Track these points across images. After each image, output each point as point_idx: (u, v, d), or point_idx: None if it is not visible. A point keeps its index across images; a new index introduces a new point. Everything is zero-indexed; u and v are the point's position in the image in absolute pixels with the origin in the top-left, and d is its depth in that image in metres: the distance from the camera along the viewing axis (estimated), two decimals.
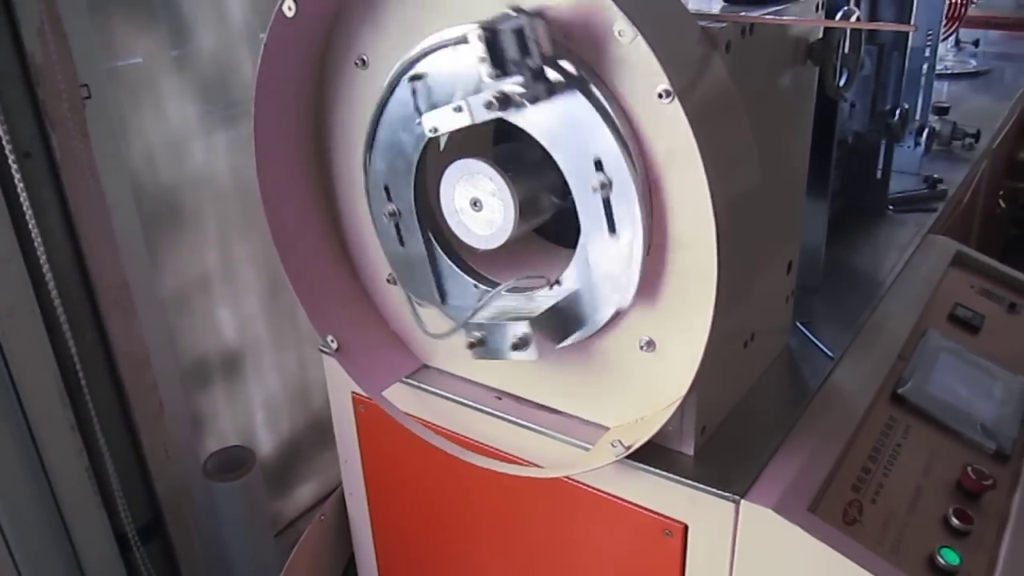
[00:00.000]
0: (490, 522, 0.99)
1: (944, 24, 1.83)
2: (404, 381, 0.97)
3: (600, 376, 0.83)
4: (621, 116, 0.66)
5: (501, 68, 0.65)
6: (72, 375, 1.24)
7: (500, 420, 0.90)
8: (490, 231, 0.78)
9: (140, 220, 1.32)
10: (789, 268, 0.95)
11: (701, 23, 0.68)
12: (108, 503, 1.33)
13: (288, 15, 0.77)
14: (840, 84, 0.90)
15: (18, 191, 1.11)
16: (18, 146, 1.12)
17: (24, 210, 1.12)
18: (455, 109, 0.70)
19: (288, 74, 0.84)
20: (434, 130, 0.72)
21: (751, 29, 0.73)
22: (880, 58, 1.28)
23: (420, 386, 0.96)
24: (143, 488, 1.39)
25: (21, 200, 1.11)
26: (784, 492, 0.77)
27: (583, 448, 0.84)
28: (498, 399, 0.92)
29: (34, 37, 1.11)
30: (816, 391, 0.93)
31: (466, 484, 0.97)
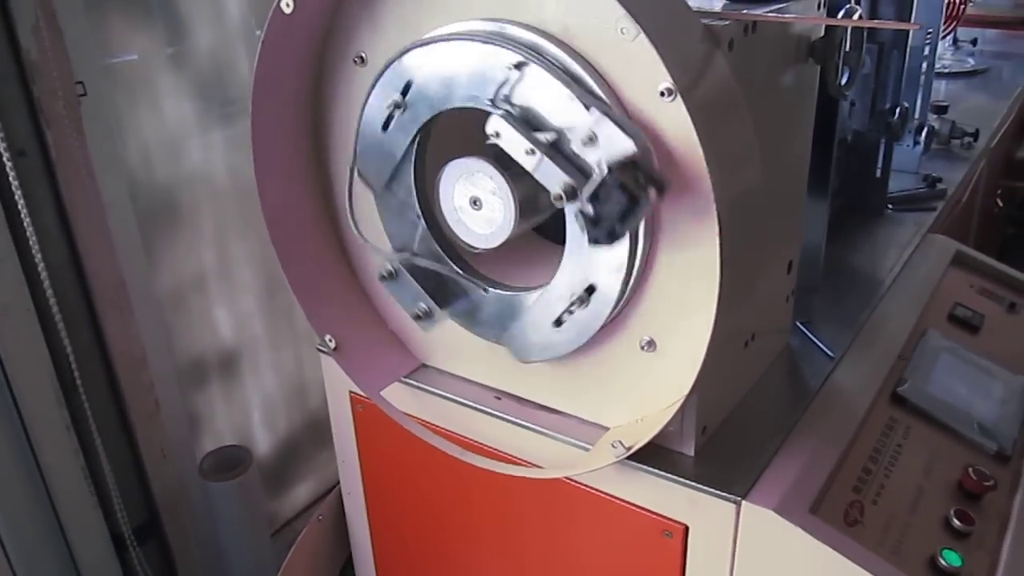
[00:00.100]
0: (488, 522, 0.99)
1: (943, 23, 1.82)
2: (403, 381, 0.96)
3: (600, 376, 0.82)
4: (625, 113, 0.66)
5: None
6: (68, 374, 1.23)
7: (499, 420, 0.89)
8: (490, 230, 0.77)
9: (136, 219, 1.32)
10: (789, 268, 0.95)
11: (704, 21, 0.68)
12: (104, 503, 1.32)
13: (286, 12, 0.76)
14: (842, 83, 0.90)
15: (13, 189, 1.10)
16: (13, 144, 1.11)
17: (19, 209, 1.11)
18: (528, 152, 0.66)
19: (286, 72, 0.83)
20: (496, 134, 0.67)
21: (754, 27, 0.72)
22: (880, 57, 1.28)
23: (419, 386, 0.95)
24: (139, 488, 1.38)
25: (16, 198, 1.11)
26: (785, 493, 0.76)
27: (583, 448, 0.83)
28: (497, 399, 0.91)
29: (29, 34, 1.10)
30: (817, 391, 0.92)
31: (465, 484, 0.97)
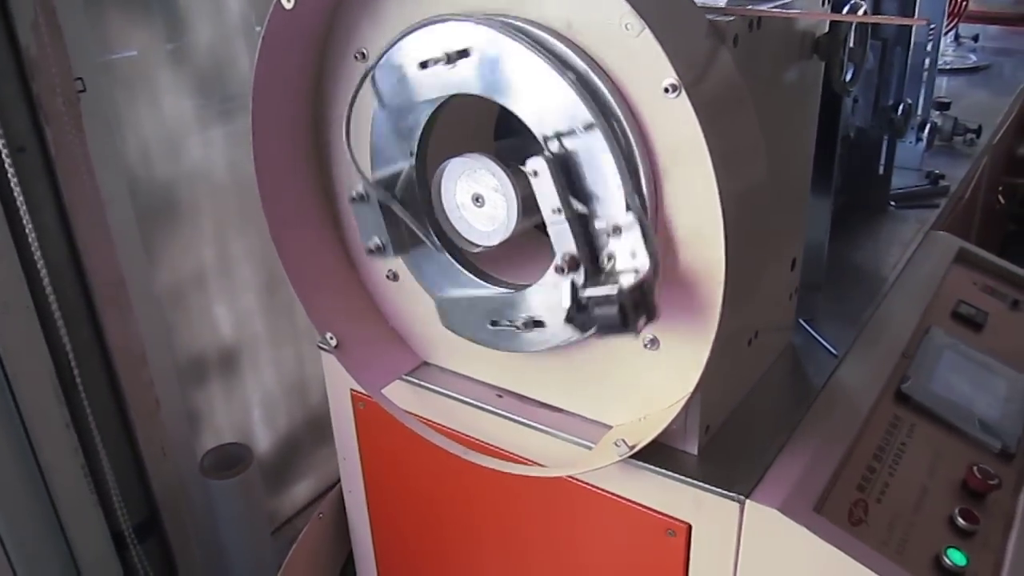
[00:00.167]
0: (490, 521, 0.98)
1: (945, 19, 1.81)
2: (404, 378, 0.96)
3: (602, 374, 0.82)
4: (626, 110, 0.65)
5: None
6: (67, 372, 1.23)
7: (501, 418, 0.89)
8: (492, 227, 0.77)
9: (136, 216, 1.31)
10: (793, 265, 0.94)
11: (709, 16, 0.67)
12: (104, 501, 1.31)
13: (287, 7, 0.75)
14: (846, 79, 0.89)
15: (12, 186, 1.10)
16: (12, 141, 1.10)
17: (18, 206, 1.10)
18: (555, 210, 0.69)
19: (287, 68, 0.82)
20: (534, 173, 0.69)
21: (759, 23, 0.72)
22: (883, 53, 1.27)
23: (420, 383, 0.95)
24: (139, 486, 1.38)
25: (15, 195, 1.10)
26: (789, 492, 0.76)
27: (585, 447, 0.83)
28: (499, 397, 0.91)
29: (28, 30, 1.09)
30: (820, 389, 0.92)
31: (466, 482, 0.96)
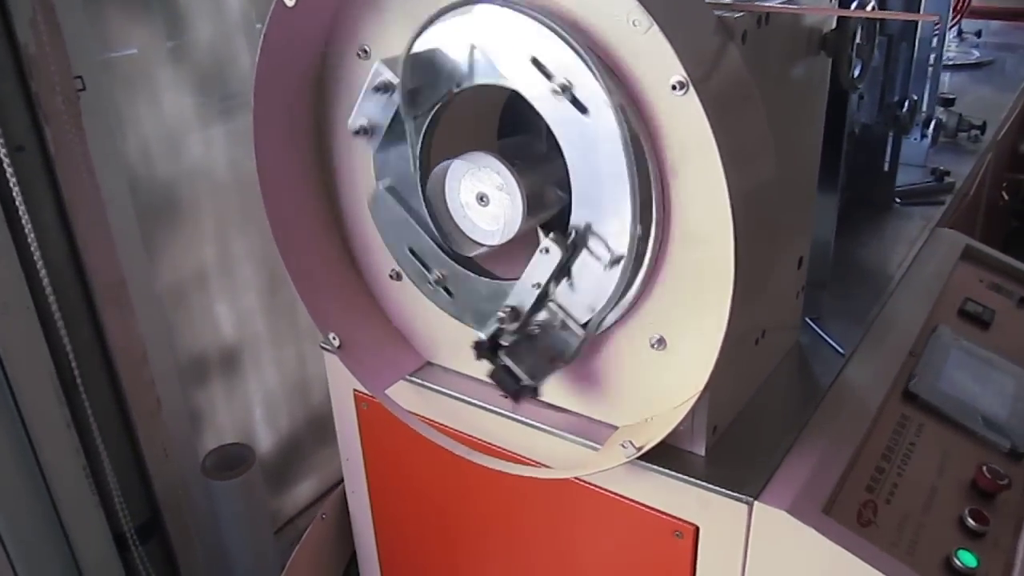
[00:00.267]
0: (494, 522, 0.98)
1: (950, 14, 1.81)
2: (408, 379, 0.95)
3: (609, 374, 0.81)
4: (634, 107, 0.64)
5: None
6: (68, 373, 1.22)
7: (506, 419, 0.88)
8: (497, 226, 0.76)
9: (136, 215, 1.30)
10: (800, 263, 0.94)
11: (717, 13, 0.66)
12: (105, 502, 1.31)
13: (288, 5, 0.75)
14: (854, 75, 0.88)
15: (11, 186, 1.09)
16: (11, 140, 1.09)
17: (18, 205, 1.10)
18: (543, 251, 0.74)
19: (288, 65, 0.82)
20: (546, 251, 0.74)
21: (767, 19, 0.71)
22: (889, 49, 1.26)
23: (424, 384, 0.94)
24: (141, 486, 1.37)
25: (14, 195, 1.09)
26: (798, 493, 0.75)
27: (591, 448, 0.82)
28: (504, 397, 0.90)
29: (26, 28, 1.08)
30: (828, 389, 0.91)
31: (470, 483, 0.96)
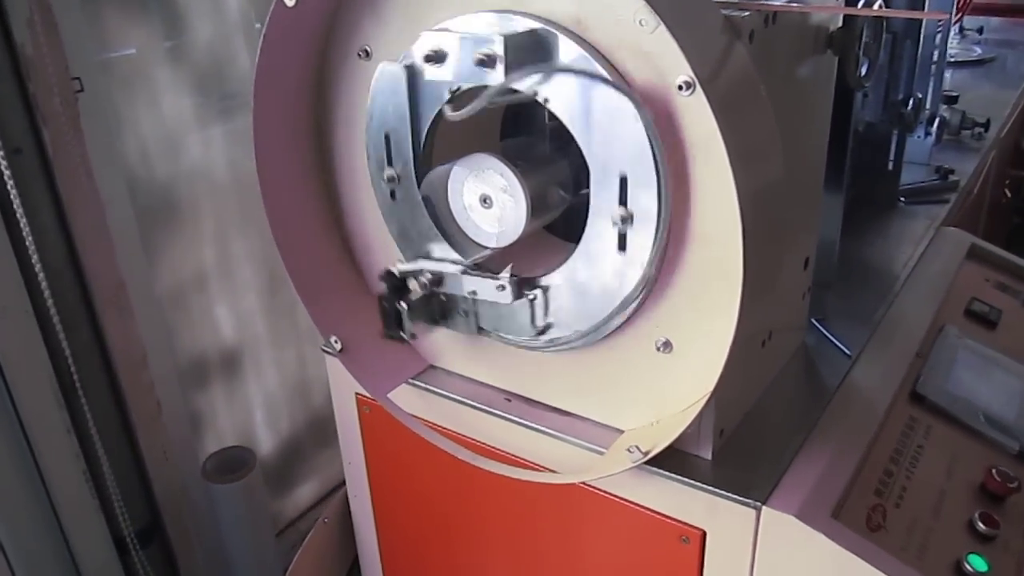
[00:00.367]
0: (498, 526, 0.97)
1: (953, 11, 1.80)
2: (410, 382, 0.94)
3: (614, 378, 0.80)
4: (642, 107, 0.63)
5: None
6: (67, 376, 1.21)
7: (510, 422, 0.87)
8: (501, 228, 0.75)
9: (136, 216, 1.29)
10: (806, 264, 0.93)
11: (724, 12, 0.65)
12: (105, 506, 1.30)
13: (288, 5, 0.74)
14: (861, 74, 0.87)
15: (8, 188, 1.08)
16: (8, 142, 1.08)
17: (15, 208, 1.09)
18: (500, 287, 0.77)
19: (288, 66, 0.81)
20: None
21: (774, 18, 0.70)
22: (893, 47, 1.25)
23: (427, 387, 0.93)
24: (141, 490, 1.36)
25: (12, 198, 1.08)
26: (806, 498, 0.74)
27: (596, 452, 0.81)
28: (507, 401, 0.89)
29: (23, 28, 1.07)
30: (835, 391, 0.90)
31: (474, 487, 0.95)
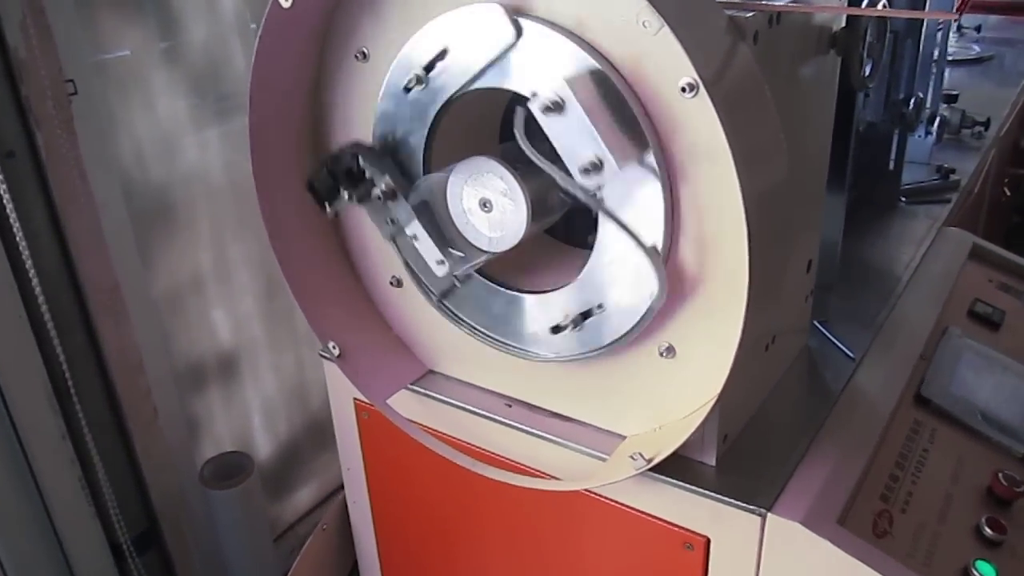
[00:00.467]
0: (498, 533, 0.96)
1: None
2: (409, 388, 0.93)
3: (616, 383, 0.79)
4: (642, 110, 0.62)
5: None
6: (62, 382, 1.20)
7: (511, 429, 0.86)
8: (501, 233, 0.74)
9: (130, 220, 1.28)
10: (809, 266, 0.92)
11: (728, 12, 0.64)
12: (102, 513, 1.29)
13: (284, 6, 0.72)
14: (865, 74, 0.86)
15: (1, 192, 1.07)
16: (1, 145, 1.07)
17: (8, 212, 1.08)
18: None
19: (285, 67, 0.80)
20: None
21: (778, 18, 0.69)
22: (894, 46, 1.25)
23: (426, 393, 0.92)
24: (138, 496, 1.35)
25: (5, 201, 1.07)
26: (812, 504, 0.73)
27: (598, 458, 0.80)
28: (508, 406, 0.88)
29: (16, 31, 1.06)
30: (839, 395, 0.89)
31: (474, 494, 0.94)
